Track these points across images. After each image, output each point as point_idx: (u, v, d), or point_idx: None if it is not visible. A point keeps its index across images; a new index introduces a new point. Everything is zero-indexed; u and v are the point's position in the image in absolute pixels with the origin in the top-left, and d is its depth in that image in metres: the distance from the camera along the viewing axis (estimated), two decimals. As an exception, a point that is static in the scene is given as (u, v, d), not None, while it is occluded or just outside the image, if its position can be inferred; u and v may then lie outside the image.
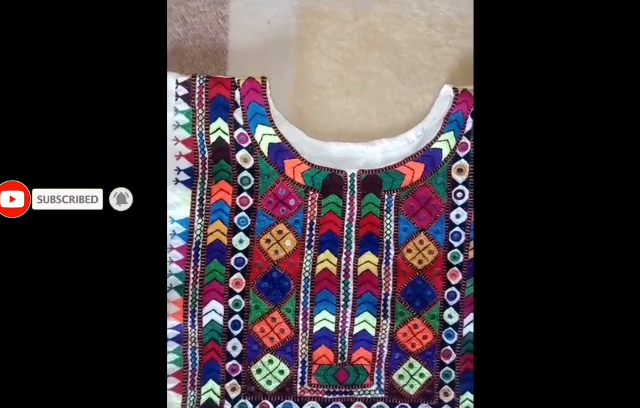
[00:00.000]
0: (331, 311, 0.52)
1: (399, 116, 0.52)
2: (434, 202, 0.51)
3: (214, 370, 0.52)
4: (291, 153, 0.50)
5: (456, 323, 0.53)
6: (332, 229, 0.52)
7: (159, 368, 0.38)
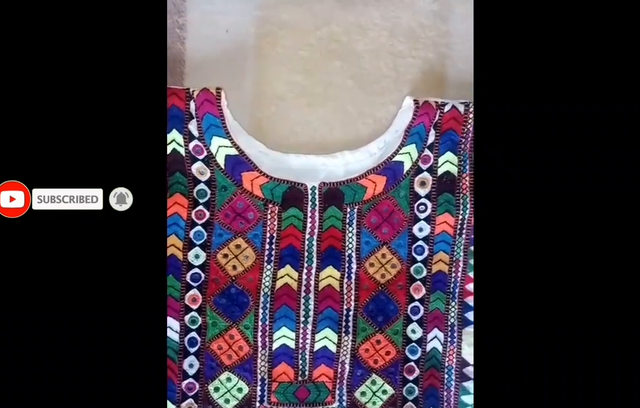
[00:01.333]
0: (291, 327, 0.51)
1: (362, 127, 0.50)
2: (396, 215, 0.50)
3: (169, 389, 0.50)
4: (249, 165, 0.48)
5: (420, 338, 0.52)
6: (292, 243, 0.50)
7: (158, 369, 0.38)
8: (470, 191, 0.50)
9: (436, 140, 0.49)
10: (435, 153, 0.50)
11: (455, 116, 0.49)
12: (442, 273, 0.51)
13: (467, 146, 0.49)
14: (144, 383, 0.37)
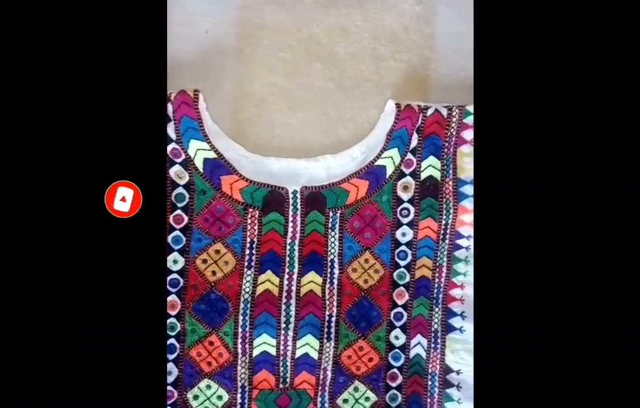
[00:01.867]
0: (271, 334, 0.50)
1: (343, 131, 0.50)
2: (379, 220, 0.50)
3: (147, 397, 0.49)
4: (228, 169, 0.47)
5: (403, 345, 0.51)
6: (273, 248, 0.49)
7: (158, 368, 0.37)
8: (453, 196, 0.49)
9: (419, 144, 0.49)
10: (418, 158, 0.49)
11: (438, 120, 0.48)
12: (425, 279, 0.51)
13: (450, 150, 0.49)
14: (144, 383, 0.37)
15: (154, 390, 0.37)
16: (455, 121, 0.48)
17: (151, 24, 0.36)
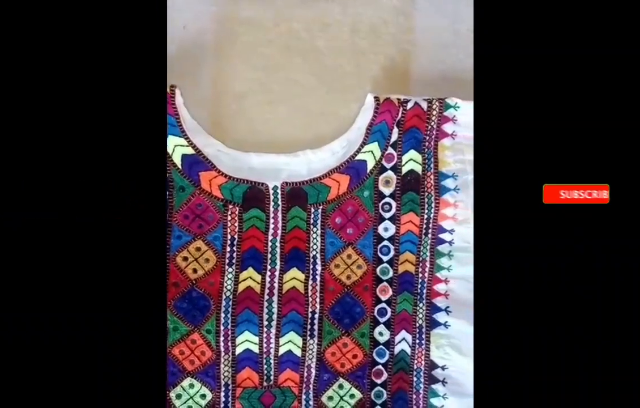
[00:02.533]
0: (254, 331, 0.49)
1: (324, 126, 0.50)
2: (361, 215, 0.49)
3: (128, 397, 0.49)
4: (206, 165, 0.47)
5: (387, 341, 0.51)
6: (255, 245, 0.49)
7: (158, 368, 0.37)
8: (434, 189, 0.49)
9: (399, 138, 0.48)
10: (399, 152, 0.49)
11: (418, 113, 0.48)
12: (408, 274, 0.50)
13: (432, 144, 0.49)
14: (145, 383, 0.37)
15: (153, 391, 0.37)
16: (435, 114, 0.48)
17: (151, 23, 0.36)
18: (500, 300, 0.38)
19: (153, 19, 0.36)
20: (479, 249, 0.39)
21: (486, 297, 0.39)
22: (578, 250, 0.38)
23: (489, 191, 0.38)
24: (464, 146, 0.49)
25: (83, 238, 0.36)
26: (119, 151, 0.36)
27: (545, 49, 0.38)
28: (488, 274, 0.38)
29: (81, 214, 0.35)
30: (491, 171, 0.38)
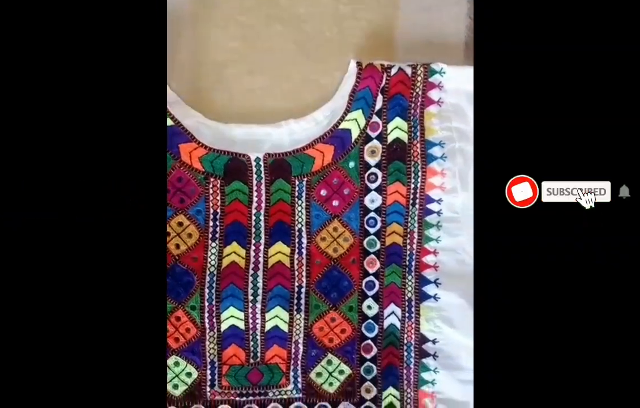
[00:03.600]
0: (239, 307, 0.49)
1: (306, 95, 0.48)
2: (347, 187, 0.48)
3: (112, 376, 0.48)
4: (186, 136, 0.46)
5: (376, 314, 0.50)
6: (238, 219, 0.48)
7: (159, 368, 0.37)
8: (421, 158, 0.48)
9: (384, 105, 0.47)
10: (384, 120, 0.48)
11: (402, 79, 0.47)
12: (396, 246, 0.49)
13: (417, 111, 0.48)
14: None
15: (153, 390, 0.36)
16: (420, 80, 0.47)
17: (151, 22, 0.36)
18: (499, 299, 0.38)
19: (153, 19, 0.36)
20: (479, 247, 0.39)
21: (486, 296, 0.39)
22: (578, 247, 0.38)
23: (489, 188, 0.38)
24: (451, 113, 0.48)
25: (83, 238, 0.35)
26: (118, 151, 0.35)
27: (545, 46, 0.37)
28: (488, 271, 0.38)
29: (81, 214, 0.35)
30: (491, 167, 0.38)
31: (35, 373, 0.35)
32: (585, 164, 0.38)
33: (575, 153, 0.38)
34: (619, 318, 0.37)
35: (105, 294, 0.36)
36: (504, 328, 0.38)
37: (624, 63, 0.37)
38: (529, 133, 0.38)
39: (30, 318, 0.35)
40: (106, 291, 0.36)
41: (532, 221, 0.38)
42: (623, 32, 0.37)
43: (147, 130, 0.36)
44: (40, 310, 0.35)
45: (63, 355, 0.35)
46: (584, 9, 0.37)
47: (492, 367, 0.38)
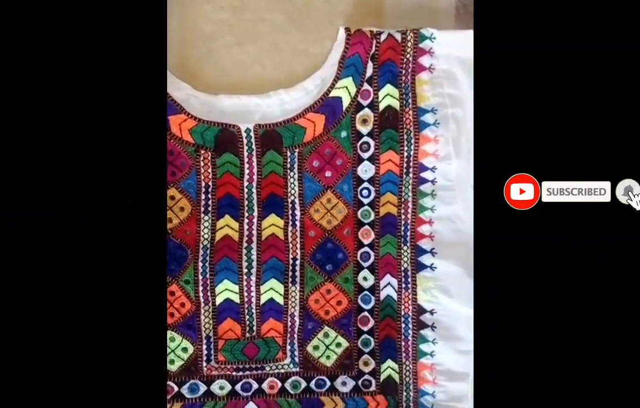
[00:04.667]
0: (233, 280, 0.49)
1: (296, 65, 0.48)
2: (339, 157, 0.48)
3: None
4: (175, 108, 0.46)
5: (372, 286, 0.50)
6: (230, 191, 0.48)
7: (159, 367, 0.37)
8: (413, 125, 0.47)
9: (374, 73, 0.47)
10: (375, 87, 0.47)
11: (392, 46, 0.47)
12: (391, 216, 0.49)
13: (408, 78, 0.47)
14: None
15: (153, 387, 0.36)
16: (410, 46, 0.47)
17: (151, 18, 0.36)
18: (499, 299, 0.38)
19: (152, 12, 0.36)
20: (479, 246, 0.39)
21: (486, 296, 0.38)
22: (577, 247, 0.38)
23: (489, 187, 0.38)
24: (442, 79, 0.48)
25: (83, 237, 0.36)
26: (118, 151, 0.36)
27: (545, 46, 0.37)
28: (488, 271, 0.38)
29: (81, 214, 0.35)
30: (491, 167, 0.38)
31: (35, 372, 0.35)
32: (585, 164, 0.38)
33: (575, 153, 0.38)
34: (618, 318, 0.37)
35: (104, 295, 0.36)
36: (504, 329, 0.38)
37: (624, 63, 0.37)
38: (529, 133, 0.38)
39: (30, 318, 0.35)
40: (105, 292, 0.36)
41: (532, 221, 0.38)
42: (623, 32, 0.37)
43: (148, 130, 0.36)
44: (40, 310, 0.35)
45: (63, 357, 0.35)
46: (585, 9, 0.37)
47: (492, 368, 0.38)
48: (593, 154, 0.37)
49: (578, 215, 0.38)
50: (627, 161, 0.37)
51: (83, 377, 0.35)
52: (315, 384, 0.51)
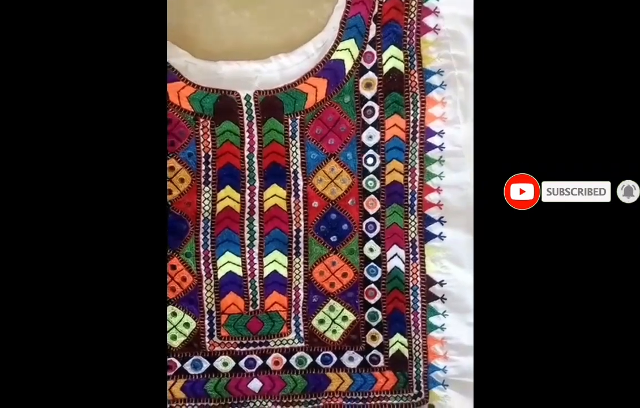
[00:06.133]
0: (235, 252, 0.48)
1: (295, 29, 0.47)
2: (342, 124, 0.47)
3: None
4: (173, 75, 0.45)
5: (379, 257, 0.49)
6: (230, 161, 0.47)
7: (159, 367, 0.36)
8: (419, 88, 0.46)
9: (378, 34, 0.46)
10: (379, 49, 0.46)
11: (396, 5, 0.46)
12: (397, 184, 0.48)
13: (413, 39, 0.46)
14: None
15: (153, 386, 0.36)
16: (415, 5, 0.45)
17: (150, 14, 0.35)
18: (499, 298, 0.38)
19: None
20: (479, 246, 0.38)
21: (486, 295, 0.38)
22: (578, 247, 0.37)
23: (489, 187, 0.38)
24: (448, 40, 0.46)
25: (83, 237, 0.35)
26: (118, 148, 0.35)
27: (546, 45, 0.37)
28: (488, 271, 0.38)
29: (81, 213, 0.34)
30: (491, 167, 0.38)
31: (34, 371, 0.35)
32: (585, 164, 0.37)
33: (575, 153, 0.37)
34: (618, 318, 0.37)
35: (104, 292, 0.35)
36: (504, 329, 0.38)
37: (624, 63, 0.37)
38: (529, 133, 0.37)
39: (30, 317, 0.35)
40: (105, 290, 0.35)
41: (532, 221, 0.38)
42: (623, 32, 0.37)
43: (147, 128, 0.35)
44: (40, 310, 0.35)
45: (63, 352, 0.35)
46: (585, 9, 0.37)
47: (492, 368, 0.38)
48: (593, 154, 0.37)
49: (578, 215, 0.38)
50: (627, 161, 0.37)
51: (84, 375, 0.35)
52: (322, 359, 0.50)
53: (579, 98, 0.37)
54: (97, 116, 0.34)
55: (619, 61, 0.37)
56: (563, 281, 0.38)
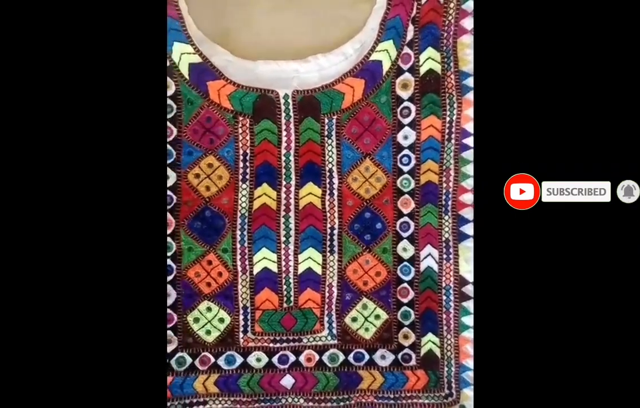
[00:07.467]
0: (271, 248, 0.49)
1: (334, 30, 0.48)
2: (378, 123, 0.48)
3: (147, 321, 0.49)
4: (214, 74, 0.47)
5: (412, 257, 0.49)
6: (268, 159, 0.48)
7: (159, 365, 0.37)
8: (456, 89, 0.47)
9: (415, 36, 0.47)
10: (416, 50, 0.47)
11: (434, 7, 0.46)
12: (432, 184, 0.49)
13: (450, 41, 0.47)
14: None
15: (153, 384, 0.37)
16: (453, 7, 0.46)
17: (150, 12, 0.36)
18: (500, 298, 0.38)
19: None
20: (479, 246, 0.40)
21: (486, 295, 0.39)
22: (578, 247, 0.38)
23: (489, 187, 0.39)
24: (485, 42, 0.47)
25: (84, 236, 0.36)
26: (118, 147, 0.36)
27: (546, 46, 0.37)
28: (488, 271, 0.38)
29: (81, 213, 0.35)
30: (491, 167, 0.38)
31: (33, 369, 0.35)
32: (585, 164, 0.38)
33: (575, 153, 0.38)
34: (618, 319, 0.38)
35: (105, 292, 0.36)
36: (504, 329, 0.39)
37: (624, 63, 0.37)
38: (529, 133, 0.38)
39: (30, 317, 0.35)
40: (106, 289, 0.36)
41: (532, 221, 0.39)
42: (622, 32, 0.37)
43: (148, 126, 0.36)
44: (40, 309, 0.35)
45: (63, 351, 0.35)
46: (585, 9, 0.37)
47: (493, 368, 0.38)
48: (593, 154, 0.38)
49: (578, 215, 0.38)
50: (627, 161, 0.38)
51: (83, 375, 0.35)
52: (354, 357, 0.50)
53: (578, 98, 0.38)
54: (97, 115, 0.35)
55: (618, 61, 0.37)
56: (563, 281, 0.38)
